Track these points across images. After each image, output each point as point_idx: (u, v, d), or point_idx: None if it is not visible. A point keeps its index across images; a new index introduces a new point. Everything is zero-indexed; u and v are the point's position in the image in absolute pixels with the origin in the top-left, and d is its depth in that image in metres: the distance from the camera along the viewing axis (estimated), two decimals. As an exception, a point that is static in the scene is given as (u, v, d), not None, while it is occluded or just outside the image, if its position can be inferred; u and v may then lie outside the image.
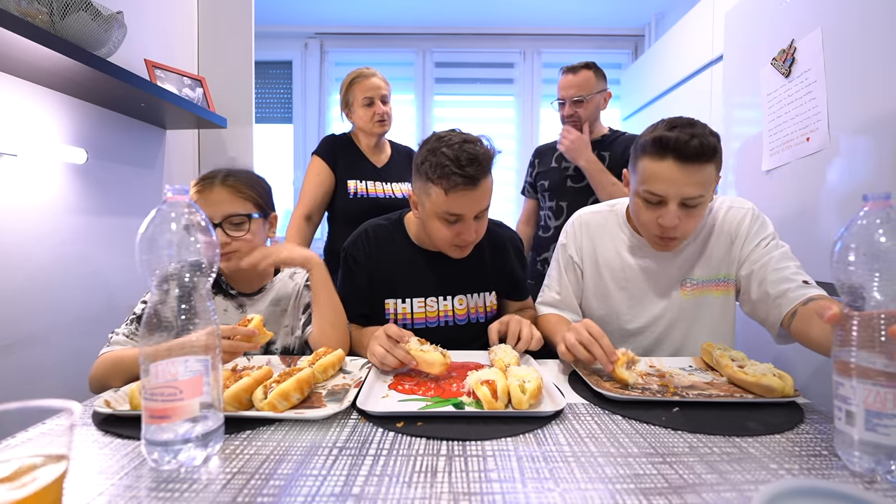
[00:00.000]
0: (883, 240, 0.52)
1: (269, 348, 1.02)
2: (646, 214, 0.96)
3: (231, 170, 1.02)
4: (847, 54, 1.14)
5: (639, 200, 0.97)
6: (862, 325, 0.53)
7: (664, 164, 0.90)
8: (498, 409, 0.68)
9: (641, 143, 0.95)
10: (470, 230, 1.00)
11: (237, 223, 0.98)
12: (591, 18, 3.12)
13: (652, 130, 0.94)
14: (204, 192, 0.97)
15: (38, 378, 1.21)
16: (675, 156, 0.89)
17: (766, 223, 1.01)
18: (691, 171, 0.89)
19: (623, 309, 1.08)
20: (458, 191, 0.95)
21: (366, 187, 1.63)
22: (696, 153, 0.88)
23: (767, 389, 0.73)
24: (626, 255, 1.07)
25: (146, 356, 0.52)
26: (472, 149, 0.95)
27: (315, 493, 0.48)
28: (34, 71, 1.13)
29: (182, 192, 0.55)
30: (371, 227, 1.15)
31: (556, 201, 1.71)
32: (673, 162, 0.89)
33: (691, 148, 0.87)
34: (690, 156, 0.88)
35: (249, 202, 1.00)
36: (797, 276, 0.91)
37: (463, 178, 0.94)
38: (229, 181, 0.99)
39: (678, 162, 0.89)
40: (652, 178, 0.92)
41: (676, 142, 0.88)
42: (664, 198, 0.92)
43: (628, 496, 0.48)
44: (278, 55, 3.24)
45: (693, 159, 0.88)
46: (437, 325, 1.12)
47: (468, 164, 0.93)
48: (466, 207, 0.98)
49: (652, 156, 0.92)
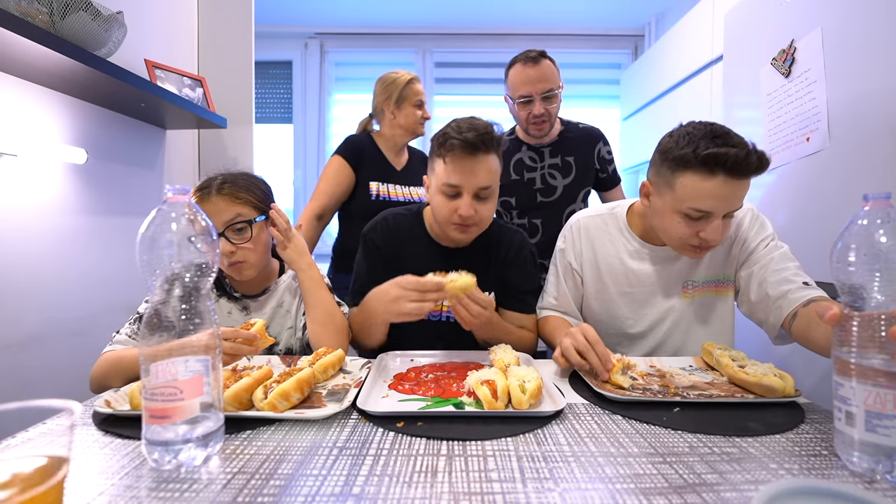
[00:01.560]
0: (883, 240, 0.52)
1: (273, 349, 1.02)
2: (684, 229, 0.91)
3: (227, 175, 1.01)
4: (847, 54, 1.14)
5: (676, 216, 0.91)
6: (862, 326, 0.53)
7: (715, 182, 0.85)
8: (498, 409, 0.68)
9: (681, 158, 0.87)
10: (466, 205, 0.99)
11: (239, 229, 0.97)
12: (591, 18, 3.12)
13: (688, 143, 0.87)
14: (202, 202, 0.97)
15: (38, 378, 1.21)
16: (728, 173, 0.84)
17: (766, 224, 1.01)
18: (742, 185, 0.86)
19: (625, 313, 1.07)
20: (456, 157, 0.97)
21: (388, 190, 1.63)
22: (756, 168, 0.84)
23: (768, 389, 0.73)
24: (627, 260, 1.07)
25: (147, 356, 0.52)
26: (473, 121, 0.99)
27: (315, 493, 0.48)
28: (34, 71, 1.13)
29: (182, 192, 0.55)
30: (391, 216, 1.16)
31: (527, 218, 1.54)
32: (725, 178, 0.84)
33: (752, 164, 0.83)
34: (749, 172, 0.84)
35: (248, 206, 0.99)
36: (797, 278, 0.91)
37: (460, 143, 0.95)
38: (225, 188, 0.98)
39: (731, 178, 0.84)
40: (700, 196, 0.86)
41: (735, 159, 0.82)
42: (711, 213, 0.88)
43: (628, 496, 0.48)
44: (278, 55, 3.24)
45: (750, 174, 0.85)
46: (439, 318, 1.11)
47: (467, 131, 0.96)
48: (463, 177, 0.98)
49: (699, 172, 0.86)
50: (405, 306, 0.90)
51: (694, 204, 0.87)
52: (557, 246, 1.16)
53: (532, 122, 1.46)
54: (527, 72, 1.42)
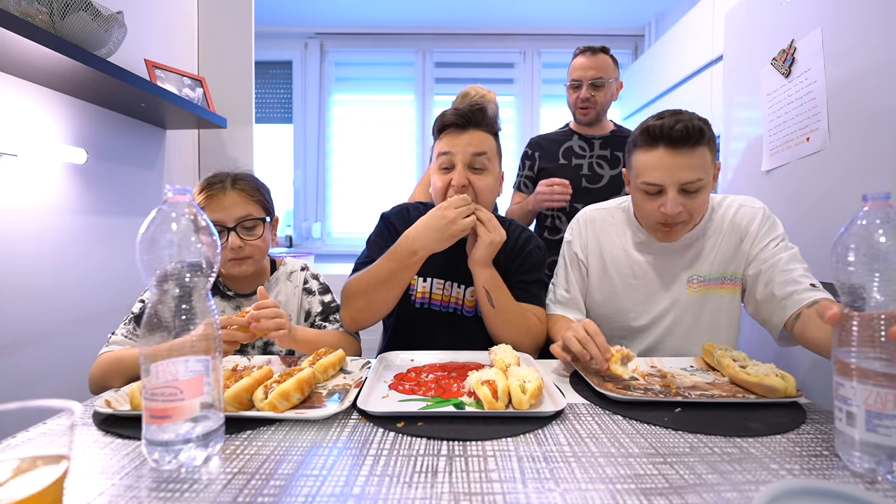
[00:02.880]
0: (883, 240, 0.52)
1: (272, 349, 1.02)
2: (648, 205, 0.97)
3: (237, 174, 1.03)
4: (847, 54, 1.14)
5: (639, 194, 0.99)
6: (862, 326, 0.53)
7: (656, 153, 0.93)
8: (498, 409, 0.67)
9: (632, 139, 0.99)
10: (458, 174, 1.01)
11: (250, 227, 0.99)
12: (591, 18, 3.12)
13: (639, 125, 0.97)
14: (215, 196, 0.98)
15: (39, 378, 1.21)
16: (664, 143, 0.92)
17: (777, 224, 1.01)
18: (683, 154, 0.91)
19: (629, 306, 1.08)
20: (449, 129, 1.03)
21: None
22: (683, 136, 0.90)
23: (770, 390, 0.72)
24: (632, 252, 1.08)
25: (147, 356, 0.52)
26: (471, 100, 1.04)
27: (315, 493, 0.48)
28: (34, 71, 1.13)
29: (182, 192, 0.55)
30: (412, 207, 1.18)
31: (569, 202, 1.57)
32: (664, 150, 0.92)
33: (677, 132, 0.90)
34: (678, 139, 0.91)
35: (259, 206, 1.02)
36: (805, 279, 0.91)
37: (454, 115, 1.02)
38: (239, 185, 1.00)
39: (669, 148, 0.92)
40: (646, 169, 0.95)
41: (662, 128, 0.91)
42: (662, 186, 0.94)
43: (629, 496, 0.48)
44: (278, 55, 3.24)
45: (681, 143, 0.91)
46: (447, 309, 1.11)
47: (461, 107, 1.03)
48: (454, 145, 1.02)
49: (643, 147, 0.95)
50: (463, 222, 0.94)
51: (645, 177, 0.95)
52: (565, 238, 1.17)
53: (579, 105, 1.59)
54: (584, 59, 1.58)
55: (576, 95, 1.59)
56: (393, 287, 1.00)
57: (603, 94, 1.57)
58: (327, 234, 3.32)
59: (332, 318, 1.08)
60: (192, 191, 0.99)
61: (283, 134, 3.31)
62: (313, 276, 1.13)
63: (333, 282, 1.19)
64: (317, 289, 1.11)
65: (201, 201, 0.98)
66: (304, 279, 1.11)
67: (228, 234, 0.97)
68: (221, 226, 0.97)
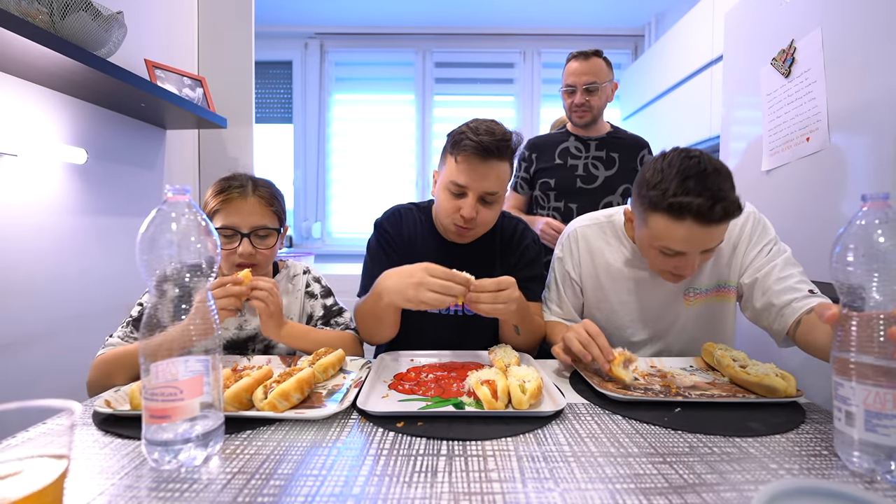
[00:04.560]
0: (882, 240, 0.52)
1: (273, 351, 1.02)
2: (662, 262, 0.91)
3: (257, 179, 1.02)
4: (847, 54, 1.14)
5: (652, 251, 0.92)
6: (861, 326, 0.53)
7: (683, 226, 0.83)
8: (498, 409, 0.68)
9: (651, 200, 0.86)
10: (470, 206, 0.97)
11: (263, 236, 0.98)
12: (591, 18, 3.12)
13: (658, 184, 0.85)
14: (235, 200, 0.96)
15: (38, 378, 1.21)
16: (695, 220, 0.82)
17: (768, 227, 1.00)
18: (713, 228, 0.83)
19: (626, 322, 1.07)
20: (467, 156, 0.96)
21: None
22: (721, 218, 0.81)
23: (770, 390, 0.73)
24: (626, 269, 1.06)
25: (147, 356, 0.52)
26: (492, 125, 0.98)
27: (315, 493, 0.48)
28: (34, 71, 1.13)
29: (182, 192, 0.55)
30: (403, 209, 1.16)
31: (563, 202, 1.62)
32: (692, 224, 0.82)
33: (716, 215, 0.80)
34: (714, 221, 0.82)
35: (275, 216, 1.01)
36: (802, 286, 0.90)
37: (473, 145, 0.94)
38: (260, 191, 0.99)
39: (699, 224, 0.82)
40: (671, 239, 0.86)
41: (699, 209, 0.80)
42: (683, 253, 0.87)
43: (628, 496, 0.48)
44: (278, 55, 3.24)
45: (717, 224, 0.82)
46: (448, 311, 1.10)
47: (483, 134, 0.95)
48: (471, 179, 0.96)
49: (669, 217, 0.84)
50: (425, 294, 0.83)
51: (666, 244, 0.87)
52: (556, 253, 1.15)
53: (574, 110, 1.61)
54: (577, 65, 1.58)
55: (570, 100, 1.61)
56: (381, 322, 0.98)
57: (598, 98, 1.59)
58: (327, 234, 3.32)
59: (334, 321, 1.08)
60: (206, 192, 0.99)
61: (283, 134, 3.31)
62: (315, 279, 1.13)
63: (334, 282, 1.19)
64: (319, 292, 1.11)
65: (217, 203, 0.96)
66: (307, 282, 1.11)
67: (241, 239, 0.96)
68: (234, 230, 0.95)
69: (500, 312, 0.86)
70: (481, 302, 0.85)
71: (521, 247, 1.12)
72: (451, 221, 1.02)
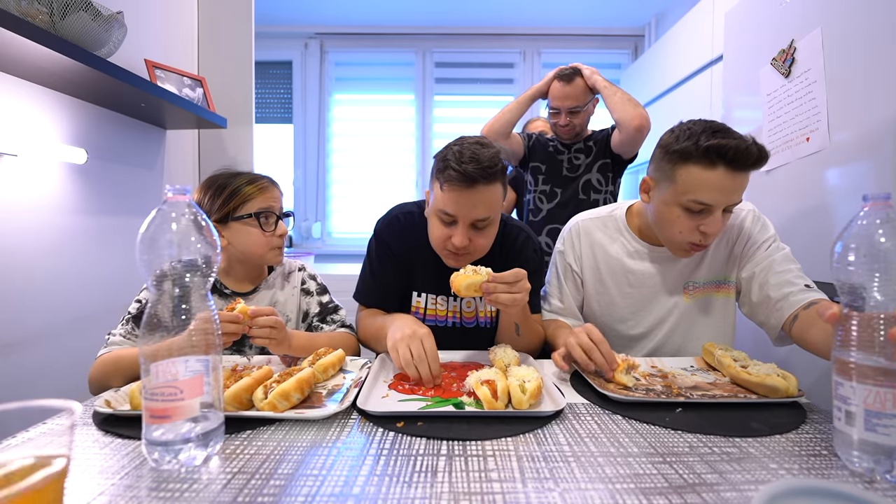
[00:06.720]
0: (883, 240, 0.52)
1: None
2: (686, 223, 0.91)
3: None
4: (847, 54, 1.14)
5: (677, 209, 0.92)
6: (862, 326, 0.53)
7: (716, 173, 0.86)
8: (498, 409, 0.68)
9: (683, 151, 0.88)
10: (460, 235, 0.93)
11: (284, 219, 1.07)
12: (591, 18, 3.12)
13: (689, 137, 0.88)
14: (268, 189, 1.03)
15: (38, 378, 1.21)
16: (728, 164, 0.85)
17: (767, 225, 1.01)
18: (742, 178, 0.87)
19: (626, 314, 1.07)
20: (453, 186, 0.90)
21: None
22: (756, 160, 0.85)
23: (772, 390, 0.73)
24: (628, 261, 1.06)
25: (147, 356, 0.52)
26: (478, 149, 0.91)
27: (315, 493, 0.48)
28: (34, 71, 1.13)
29: (182, 192, 0.55)
30: (403, 214, 1.12)
31: (550, 185, 1.76)
32: (725, 170, 0.86)
33: (752, 155, 0.84)
34: (749, 164, 0.86)
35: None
36: (799, 280, 0.91)
37: (457, 174, 0.89)
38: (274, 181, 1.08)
39: (732, 170, 0.86)
40: (702, 188, 0.87)
41: (736, 150, 0.84)
42: (711, 206, 0.88)
43: (628, 496, 0.48)
44: (278, 55, 3.24)
45: (750, 167, 0.86)
46: (446, 324, 1.10)
47: (467, 162, 0.89)
48: (459, 208, 0.92)
49: (702, 164, 0.87)
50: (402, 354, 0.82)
51: (695, 196, 0.88)
52: (557, 247, 1.15)
53: (559, 129, 1.74)
54: (560, 89, 1.67)
55: (556, 121, 1.73)
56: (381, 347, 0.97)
57: (580, 118, 1.70)
58: (327, 234, 3.32)
59: (330, 318, 1.08)
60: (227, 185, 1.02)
61: (283, 134, 3.31)
62: (311, 276, 1.13)
63: (334, 282, 1.19)
64: (315, 289, 1.11)
65: (254, 190, 1.01)
66: (302, 279, 1.11)
67: (277, 221, 1.03)
68: (270, 212, 1.02)
69: (518, 302, 0.87)
70: (499, 292, 0.85)
71: (522, 258, 1.09)
72: (444, 248, 0.98)
